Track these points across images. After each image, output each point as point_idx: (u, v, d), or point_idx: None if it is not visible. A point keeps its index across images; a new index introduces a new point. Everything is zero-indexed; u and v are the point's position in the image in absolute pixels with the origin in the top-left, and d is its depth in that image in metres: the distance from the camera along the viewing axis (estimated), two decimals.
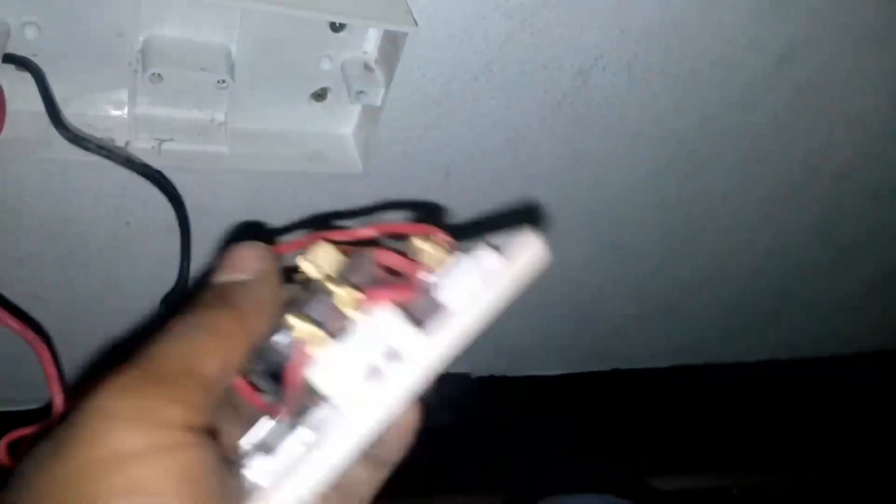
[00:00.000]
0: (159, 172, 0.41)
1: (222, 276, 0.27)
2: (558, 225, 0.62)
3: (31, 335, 0.33)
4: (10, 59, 0.36)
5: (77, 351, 0.57)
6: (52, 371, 0.33)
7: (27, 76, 0.38)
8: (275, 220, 0.52)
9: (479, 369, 0.79)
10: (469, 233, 0.29)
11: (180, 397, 0.22)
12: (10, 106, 0.38)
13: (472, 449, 0.88)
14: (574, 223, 0.62)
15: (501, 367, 0.80)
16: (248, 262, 0.27)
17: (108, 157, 0.39)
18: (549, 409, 0.88)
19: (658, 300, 0.77)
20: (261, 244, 0.28)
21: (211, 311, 0.26)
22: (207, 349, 0.24)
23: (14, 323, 0.34)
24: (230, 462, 0.25)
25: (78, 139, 0.38)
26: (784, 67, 0.53)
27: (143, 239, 0.49)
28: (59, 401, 0.33)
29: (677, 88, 0.53)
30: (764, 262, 0.76)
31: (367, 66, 0.42)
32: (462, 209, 0.57)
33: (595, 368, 0.86)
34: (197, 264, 0.54)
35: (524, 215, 0.59)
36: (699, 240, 0.71)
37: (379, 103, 0.42)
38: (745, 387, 0.95)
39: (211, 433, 0.23)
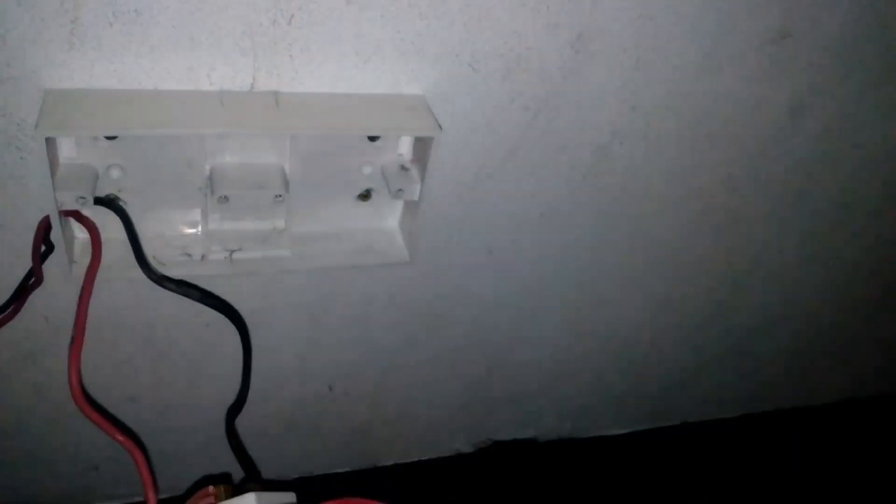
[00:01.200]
0: (226, 304, 0.49)
1: None
2: (602, 289, 0.65)
3: (130, 444, 0.39)
4: (100, 201, 0.43)
5: (168, 444, 0.62)
6: (147, 476, 0.39)
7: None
8: (338, 309, 0.57)
9: (545, 434, 0.82)
10: None
11: None
12: (104, 234, 0.45)
13: None
14: (617, 285, 0.65)
15: (566, 430, 0.82)
16: None
17: (184, 294, 0.45)
18: (619, 468, 0.89)
19: (715, 350, 0.78)
20: None
21: None
22: None
23: (119, 435, 0.39)
24: None
25: (160, 280, 0.44)
26: (797, 118, 0.56)
27: (222, 338, 0.55)
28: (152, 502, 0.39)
29: (696, 150, 0.56)
30: (816, 303, 0.77)
31: (403, 167, 0.48)
32: (507, 282, 0.61)
33: (663, 424, 0.87)
34: (275, 355, 0.59)
35: None
36: (746, 287, 0.73)
37: (417, 198, 0.47)
38: (820, 429, 0.93)
39: None
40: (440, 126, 0.44)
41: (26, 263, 0.45)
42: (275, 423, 0.66)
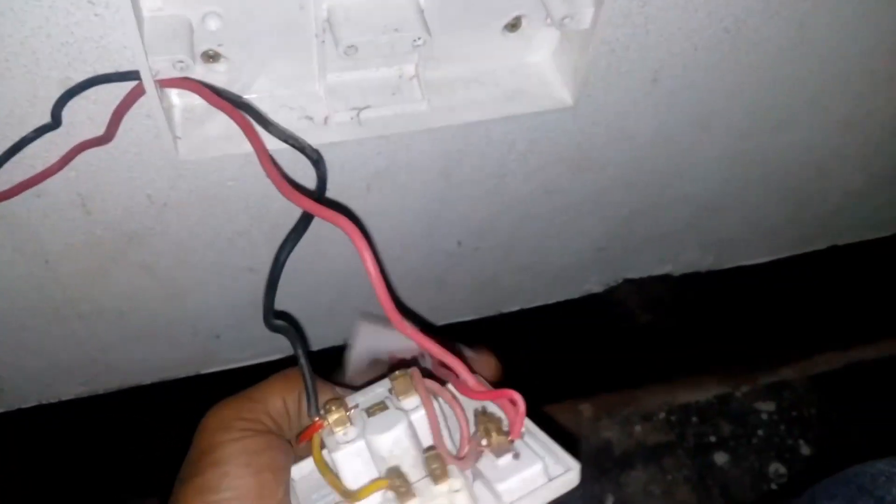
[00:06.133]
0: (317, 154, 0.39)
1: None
2: (778, 112, 0.54)
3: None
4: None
5: (291, 309, 0.58)
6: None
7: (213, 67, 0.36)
8: (472, 161, 0.49)
9: (683, 269, 0.75)
10: None
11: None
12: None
13: (674, 343, 0.85)
14: (799, 106, 0.54)
15: (707, 263, 0.75)
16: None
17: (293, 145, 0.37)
18: (760, 296, 0.82)
19: (888, 171, 0.68)
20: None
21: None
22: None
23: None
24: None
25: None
26: None
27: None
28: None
29: None
30: None
31: None
32: (670, 113, 0.51)
33: (810, 248, 0.78)
34: (401, 217, 0.52)
35: None
36: None
37: (588, 25, 0.37)
38: None
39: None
40: None
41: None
42: (401, 284, 0.61)
